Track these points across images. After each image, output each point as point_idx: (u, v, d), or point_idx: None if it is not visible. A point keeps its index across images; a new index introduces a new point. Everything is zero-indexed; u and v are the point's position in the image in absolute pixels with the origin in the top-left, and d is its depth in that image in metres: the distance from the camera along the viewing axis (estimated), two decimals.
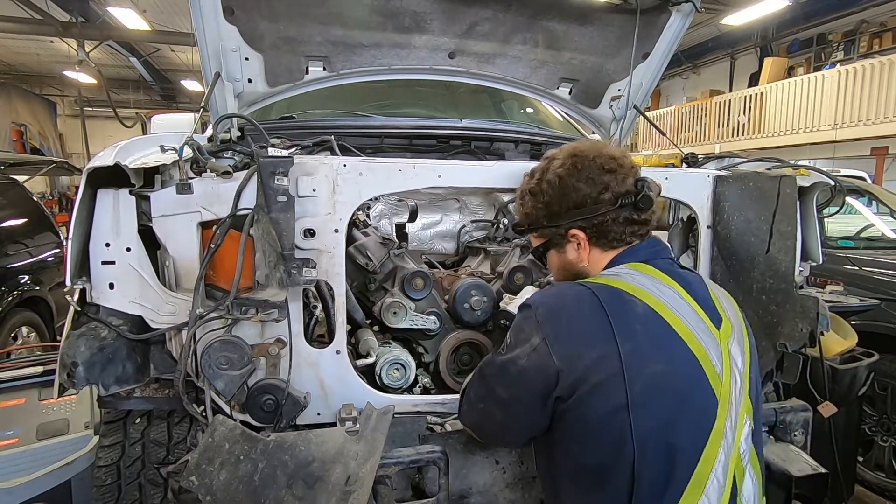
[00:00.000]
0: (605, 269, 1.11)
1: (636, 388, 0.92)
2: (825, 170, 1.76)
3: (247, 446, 1.07)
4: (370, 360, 1.49)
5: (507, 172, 1.52)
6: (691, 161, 1.91)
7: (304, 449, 1.09)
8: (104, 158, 1.21)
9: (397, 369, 1.52)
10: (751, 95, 11.59)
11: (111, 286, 1.27)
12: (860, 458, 2.80)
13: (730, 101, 12.15)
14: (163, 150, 1.29)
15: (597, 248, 1.13)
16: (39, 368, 2.28)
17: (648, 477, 0.92)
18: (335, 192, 1.31)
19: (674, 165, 2.07)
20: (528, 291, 1.59)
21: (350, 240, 1.67)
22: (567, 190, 1.11)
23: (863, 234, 3.89)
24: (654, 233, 1.20)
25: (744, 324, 1.11)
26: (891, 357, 2.65)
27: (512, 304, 1.57)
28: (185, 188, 1.25)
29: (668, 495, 0.92)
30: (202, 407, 1.24)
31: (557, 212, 1.14)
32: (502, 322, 1.65)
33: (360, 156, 1.79)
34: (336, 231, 1.31)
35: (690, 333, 0.98)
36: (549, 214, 1.16)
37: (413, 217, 1.96)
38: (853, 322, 1.92)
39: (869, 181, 5.22)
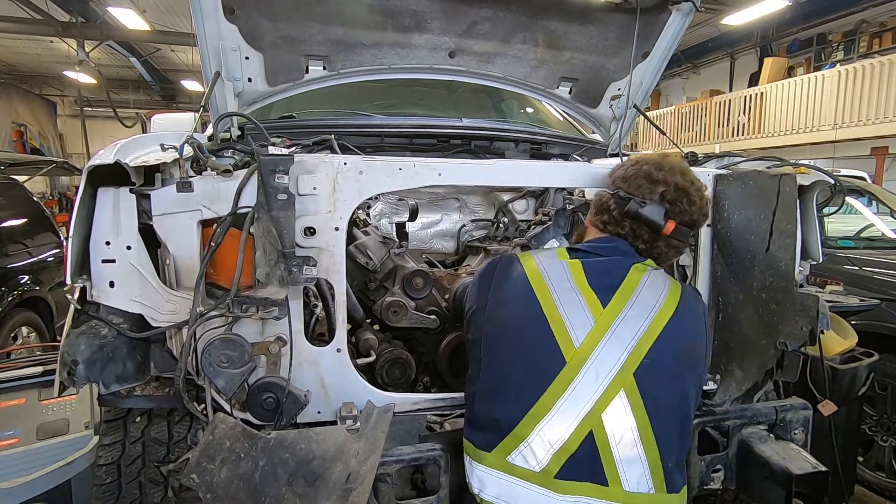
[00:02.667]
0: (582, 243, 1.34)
1: (489, 326, 1.19)
2: (825, 169, 1.76)
3: (247, 444, 1.07)
4: (370, 359, 1.50)
5: (507, 171, 1.52)
6: (691, 160, 1.91)
7: (304, 447, 1.09)
8: (104, 157, 1.21)
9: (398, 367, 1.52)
10: (751, 95, 11.60)
11: (111, 284, 1.27)
12: (860, 458, 2.80)
13: (730, 101, 12.16)
14: (163, 148, 1.29)
15: (588, 220, 1.38)
16: (39, 368, 2.28)
17: (497, 400, 1.13)
18: (336, 191, 1.31)
19: None
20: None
21: (350, 238, 1.67)
22: (626, 167, 1.33)
23: (863, 234, 3.89)
24: None
25: (659, 323, 1.17)
26: (891, 357, 2.65)
27: None
28: (185, 186, 1.25)
29: (508, 416, 1.10)
30: (203, 405, 1.24)
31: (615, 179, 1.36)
32: None
33: (360, 155, 1.79)
34: (336, 229, 1.31)
35: (550, 300, 1.15)
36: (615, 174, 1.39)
37: (413, 216, 1.96)
38: (853, 322, 1.93)
39: (869, 181, 5.22)
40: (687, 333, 1.18)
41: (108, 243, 1.26)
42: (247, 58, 1.98)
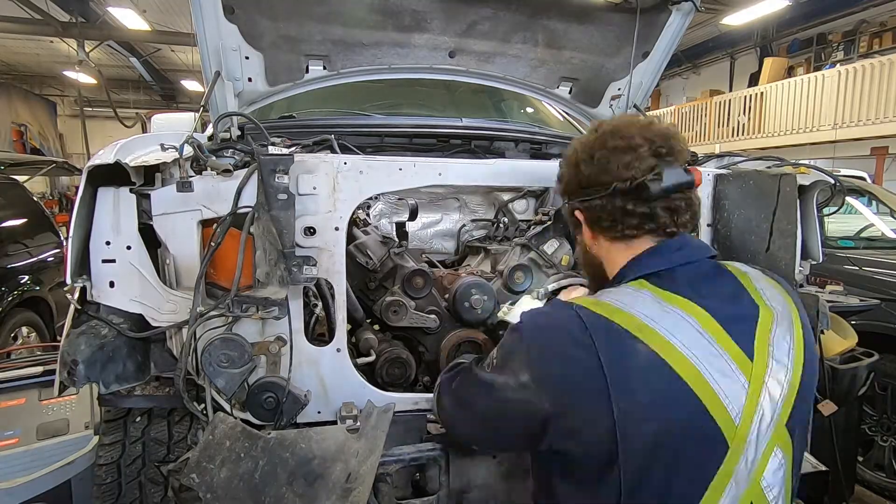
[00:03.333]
0: (619, 270, 1.01)
1: (628, 448, 0.84)
2: (826, 169, 1.76)
3: (247, 444, 1.07)
4: (370, 359, 1.49)
5: (508, 171, 1.52)
6: (691, 160, 1.91)
7: (304, 447, 1.09)
8: (104, 156, 1.21)
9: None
10: (751, 95, 11.60)
11: (111, 284, 1.27)
12: (860, 458, 2.80)
13: (730, 100, 12.16)
14: (163, 148, 1.29)
15: (599, 234, 1.04)
16: (39, 368, 2.28)
17: None
18: (336, 190, 1.31)
19: None
20: (524, 302, 1.57)
21: (350, 238, 1.67)
22: (576, 169, 1.03)
23: (863, 234, 3.89)
24: None
25: (799, 336, 0.95)
26: (891, 357, 2.65)
27: (510, 315, 1.56)
28: (185, 186, 1.24)
29: None
30: (203, 405, 1.24)
31: (568, 189, 1.08)
32: (501, 333, 1.65)
33: (360, 154, 1.79)
34: (336, 229, 1.31)
35: (699, 377, 0.85)
36: (564, 190, 1.09)
37: (413, 216, 1.96)
38: (853, 322, 1.92)
39: (869, 181, 5.22)
40: (813, 363, 0.97)
41: (108, 243, 1.26)
42: (247, 57, 1.98)
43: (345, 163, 1.32)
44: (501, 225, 2.23)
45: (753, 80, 12.70)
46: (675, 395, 0.85)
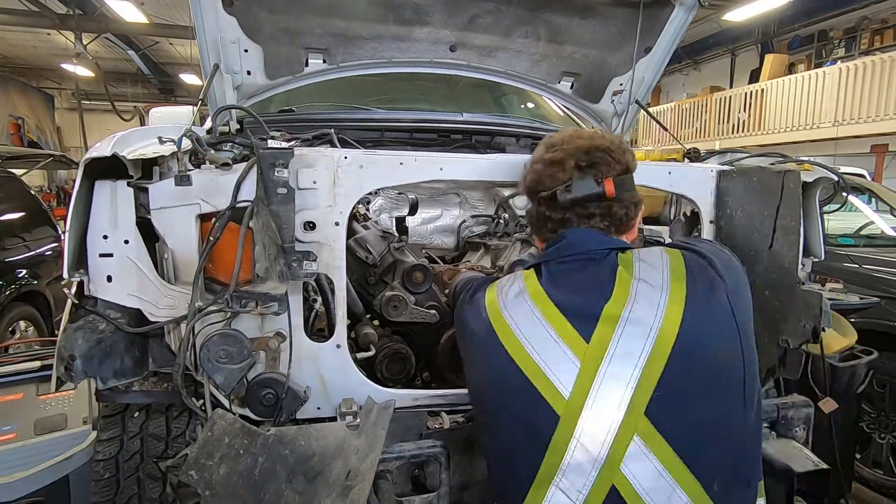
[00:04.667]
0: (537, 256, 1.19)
1: (471, 386, 1.08)
2: (830, 166, 1.75)
3: (246, 440, 1.06)
4: (370, 354, 1.49)
5: (509, 166, 1.51)
6: (693, 156, 1.90)
7: (304, 443, 1.08)
8: (101, 149, 1.20)
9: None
10: (751, 92, 11.58)
11: (109, 279, 1.26)
12: (858, 456, 2.81)
13: (730, 97, 12.14)
14: (161, 141, 1.27)
15: (538, 239, 1.20)
16: (37, 363, 2.26)
17: (500, 473, 1.04)
18: (336, 185, 1.29)
19: (675, 160, 2.06)
20: None
21: (350, 233, 1.66)
22: (523, 178, 1.19)
23: (862, 232, 3.89)
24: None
25: (673, 314, 0.94)
26: (890, 355, 2.65)
27: None
28: (183, 180, 1.23)
29: (513, 492, 0.99)
30: (201, 401, 1.23)
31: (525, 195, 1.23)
32: None
33: (360, 149, 1.78)
34: (336, 224, 1.30)
35: (521, 348, 0.99)
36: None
37: (413, 210, 1.95)
38: (853, 320, 1.92)
39: (869, 179, 5.22)
40: (708, 335, 0.95)
41: (105, 237, 1.24)
42: (246, 50, 1.96)
43: (345, 157, 1.30)
44: (502, 220, 2.22)
45: (754, 77, 12.68)
46: (496, 356, 1.01)
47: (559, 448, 0.94)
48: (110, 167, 1.21)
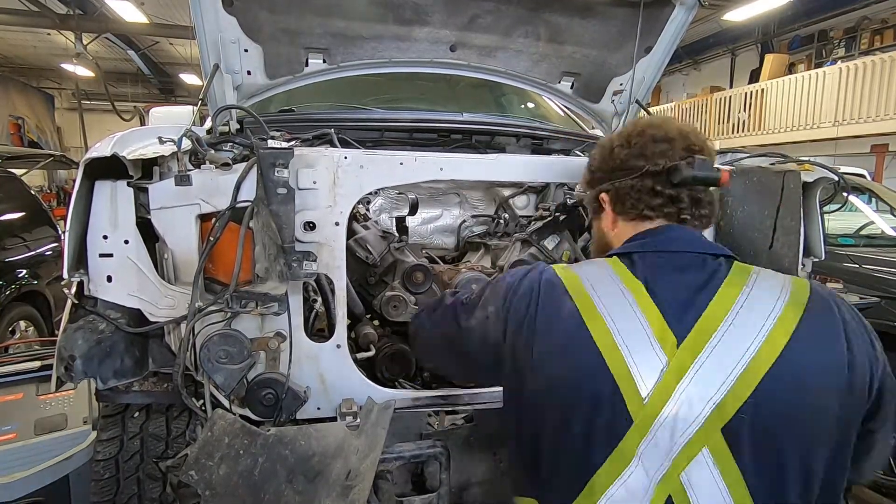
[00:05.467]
0: (622, 245, 1.05)
1: (534, 381, 0.94)
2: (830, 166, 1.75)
3: (246, 440, 1.06)
4: (370, 354, 1.49)
5: (509, 166, 1.51)
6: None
7: (304, 443, 1.08)
8: (101, 149, 1.20)
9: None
10: (751, 92, 11.58)
11: (109, 279, 1.26)
12: None
13: (730, 97, 12.14)
14: (161, 141, 1.27)
15: (620, 216, 1.08)
16: (37, 363, 2.26)
17: (548, 473, 0.94)
18: (336, 185, 1.29)
19: None
20: None
21: (350, 233, 1.65)
22: (611, 153, 1.09)
23: (862, 232, 3.89)
24: None
25: (775, 345, 0.87)
26: (890, 354, 2.64)
27: None
28: (183, 180, 1.23)
29: (557, 493, 0.92)
30: (201, 401, 1.23)
31: (599, 170, 1.12)
32: None
33: (360, 149, 1.78)
34: (337, 224, 1.30)
35: (614, 347, 0.89)
36: (594, 172, 1.14)
37: (413, 210, 1.95)
38: None
39: (869, 178, 5.22)
40: (809, 373, 0.86)
41: (105, 237, 1.24)
42: (246, 50, 1.96)
43: (345, 157, 1.30)
44: (502, 220, 2.22)
45: (754, 77, 12.67)
46: (584, 353, 0.90)
47: (624, 458, 0.87)
48: (110, 167, 1.21)
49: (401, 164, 1.35)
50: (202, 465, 1.03)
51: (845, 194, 1.63)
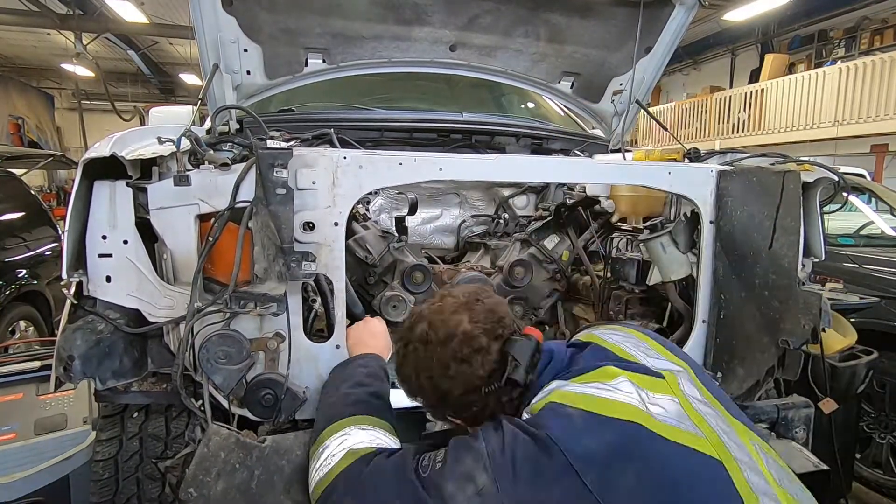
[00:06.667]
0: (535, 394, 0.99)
1: None
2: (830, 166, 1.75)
3: (242, 454, 1.06)
4: None
5: (509, 167, 1.50)
6: (693, 156, 1.90)
7: (300, 453, 1.08)
8: (100, 149, 1.19)
9: None
10: (751, 92, 11.57)
11: (108, 279, 1.26)
12: (858, 455, 2.80)
13: (730, 97, 12.13)
14: (160, 141, 1.27)
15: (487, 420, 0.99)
16: (37, 363, 2.26)
17: None
18: (335, 185, 1.29)
19: (675, 160, 2.06)
20: None
21: (349, 233, 1.65)
22: (435, 389, 1.00)
23: (862, 232, 3.88)
24: None
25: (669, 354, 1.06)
26: (890, 355, 2.64)
27: None
28: (182, 180, 1.23)
29: None
30: (200, 401, 1.22)
31: (437, 406, 1.06)
32: None
33: (360, 149, 1.78)
34: (336, 224, 1.30)
35: (696, 437, 0.89)
36: (433, 406, 1.07)
37: (413, 210, 1.95)
38: (852, 320, 1.92)
39: (869, 178, 5.21)
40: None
41: (104, 237, 1.24)
42: (245, 50, 1.96)
43: (344, 157, 1.30)
44: (502, 220, 2.22)
45: (754, 77, 12.66)
46: (690, 463, 0.85)
47: (745, 490, 0.85)
48: (109, 167, 1.21)
49: (400, 164, 1.34)
50: (200, 482, 1.02)
51: (845, 194, 1.63)
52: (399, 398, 1.37)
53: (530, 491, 0.82)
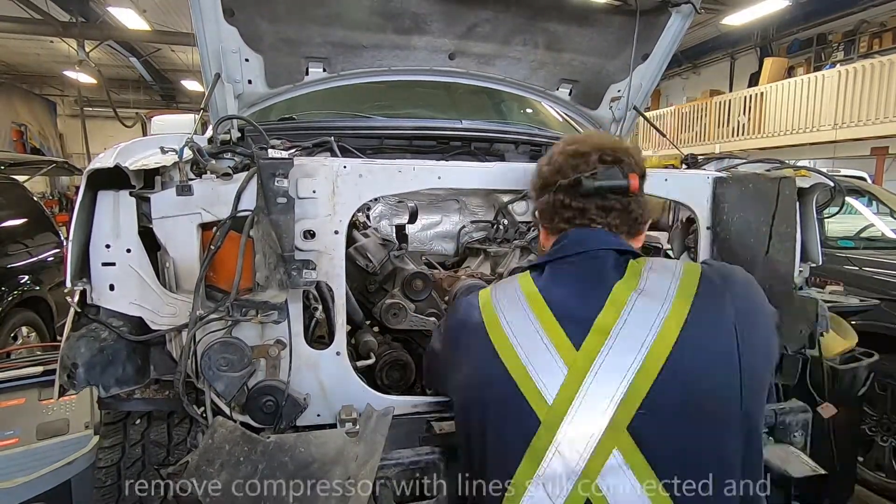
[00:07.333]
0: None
1: (461, 395, 1.06)
2: (825, 170, 1.76)
3: (247, 448, 1.07)
4: (370, 361, 1.50)
5: (507, 173, 1.52)
6: (691, 162, 1.92)
7: (303, 450, 1.09)
8: (104, 160, 1.21)
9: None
10: (751, 95, 11.59)
11: (111, 287, 1.27)
12: (860, 459, 2.80)
13: (730, 101, 12.15)
14: (163, 151, 1.29)
15: (547, 231, 1.14)
16: (39, 368, 2.27)
17: (477, 479, 1.00)
18: (335, 194, 1.31)
19: (673, 166, 2.08)
20: None
21: (350, 241, 1.67)
22: (539, 171, 1.15)
23: (863, 235, 3.89)
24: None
25: (670, 332, 0.91)
26: (891, 357, 2.64)
27: None
28: (185, 190, 1.25)
29: (488, 500, 0.97)
30: (202, 408, 1.24)
31: (533, 190, 1.18)
32: None
33: (360, 157, 1.79)
34: (336, 232, 1.31)
35: (512, 352, 0.96)
36: (531, 192, 1.20)
37: (413, 218, 1.96)
38: (853, 322, 1.92)
39: (869, 181, 5.22)
40: (701, 360, 0.90)
41: (108, 246, 1.26)
42: (247, 60, 1.98)
43: (344, 166, 1.32)
44: (501, 227, 2.23)
45: (753, 81, 12.69)
46: (488, 361, 0.99)
47: (537, 454, 0.91)
48: (113, 177, 1.23)
49: (399, 172, 1.36)
50: (203, 473, 1.04)
51: (842, 199, 1.64)
52: (400, 403, 1.39)
53: None
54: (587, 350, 0.92)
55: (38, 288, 3.83)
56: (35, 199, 4.58)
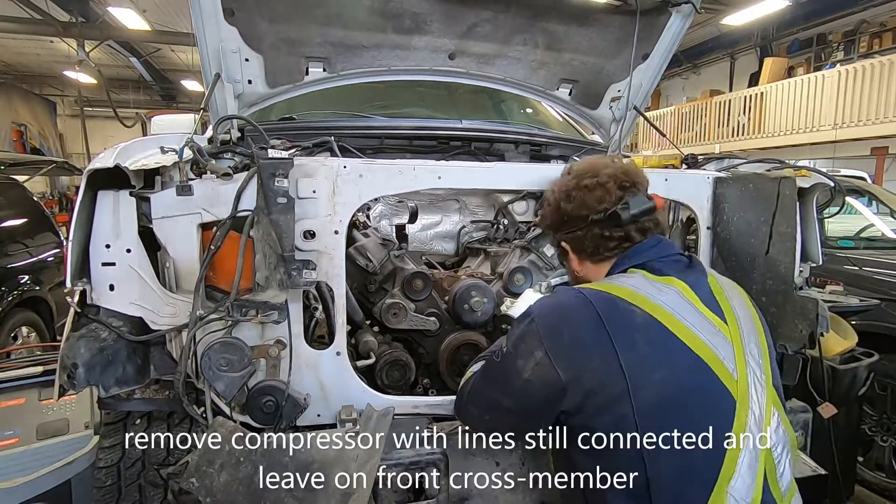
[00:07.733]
0: (605, 277, 1.17)
1: (641, 402, 0.96)
2: (825, 170, 1.76)
3: (247, 448, 1.07)
4: (370, 361, 1.50)
5: (507, 174, 1.52)
6: (691, 162, 1.91)
7: (303, 450, 1.09)
8: (104, 160, 1.21)
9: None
10: (751, 95, 11.59)
11: (111, 287, 1.27)
12: (860, 458, 2.80)
13: (730, 101, 12.15)
14: (163, 151, 1.29)
15: (588, 260, 1.21)
16: (39, 368, 2.27)
17: (668, 488, 0.96)
18: (335, 194, 1.31)
19: (673, 166, 2.07)
20: (528, 295, 1.58)
21: (350, 241, 1.67)
22: (558, 209, 1.21)
23: (863, 234, 3.89)
24: None
25: (754, 313, 1.13)
26: (891, 357, 2.65)
27: (513, 308, 1.57)
28: (185, 190, 1.25)
29: (691, 501, 0.96)
30: (202, 408, 1.24)
31: (553, 225, 1.26)
32: (504, 326, 1.65)
33: (360, 157, 1.79)
34: (336, 232, 1.31)
35: (695, 336, 0.99)
36: (549, 226, 1.29)
37: (413, 218, 1.96)
38: (853, 322, 1.92)
39: (869, 181, 5.22)
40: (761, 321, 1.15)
41: (108, 246, 1.26)
42: (247, 59, 1.98)
43: (344, 166, 1.32)
44: (501, 226, 2.23)
45: (753, 81, 12.69)
46: (674, 350, 0.98)
47: (738, 439, 0.96)
48: (113, 177, 1.23)
49: (399, 172, 1.36)
50: (203, 473, 1.04)
51: (842, 199, 1.64)
52: (400, 403, 1.39)
53: None
54: (732, 324, 1.04)
55: (38, 288, 3.83)
56: (35, 199, 4.57)
